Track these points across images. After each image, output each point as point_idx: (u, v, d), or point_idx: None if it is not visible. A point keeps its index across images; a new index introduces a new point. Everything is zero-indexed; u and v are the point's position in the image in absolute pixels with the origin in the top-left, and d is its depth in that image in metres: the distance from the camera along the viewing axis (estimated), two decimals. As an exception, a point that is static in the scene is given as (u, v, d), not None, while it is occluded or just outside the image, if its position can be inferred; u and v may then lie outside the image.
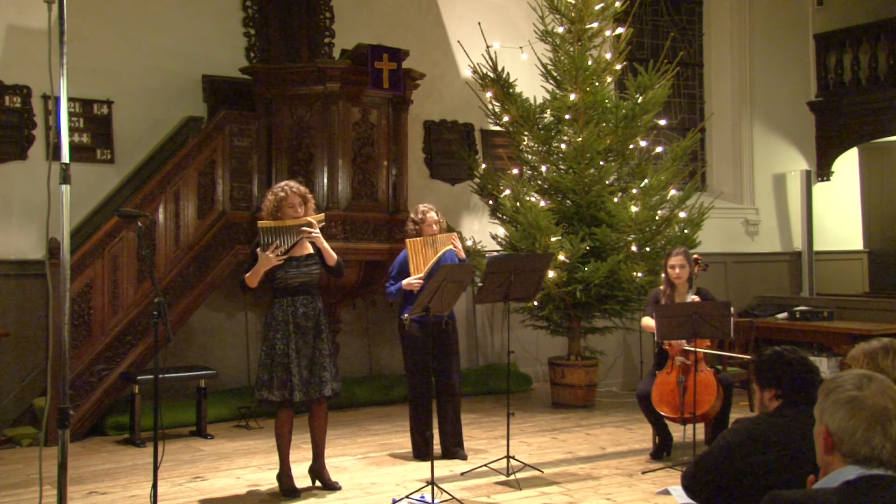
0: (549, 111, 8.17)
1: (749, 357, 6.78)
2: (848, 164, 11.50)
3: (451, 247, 5.81)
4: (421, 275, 5.70)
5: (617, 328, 8.19)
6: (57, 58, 3.47)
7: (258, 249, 4.96)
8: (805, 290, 10.77)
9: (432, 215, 5.85)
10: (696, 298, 5.91)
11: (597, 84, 7.91)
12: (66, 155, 3.47)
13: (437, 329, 5.73)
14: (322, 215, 5.21)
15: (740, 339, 7.59)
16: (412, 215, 5.96)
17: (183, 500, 5.02)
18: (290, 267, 4.99)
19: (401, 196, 7.52)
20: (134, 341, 6.74)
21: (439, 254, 5.76)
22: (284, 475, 5.10)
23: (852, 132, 11.02)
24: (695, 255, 6.19)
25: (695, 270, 6.07)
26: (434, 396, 5.84)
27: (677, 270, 6.04)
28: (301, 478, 5.20)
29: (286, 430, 5.05)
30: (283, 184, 5.15)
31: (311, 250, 5.08)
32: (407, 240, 5.82)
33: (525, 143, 8.22)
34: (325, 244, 5.09)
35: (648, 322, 6.16)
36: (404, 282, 5.75)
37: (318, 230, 5.03)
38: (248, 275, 4.97)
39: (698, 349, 5.71)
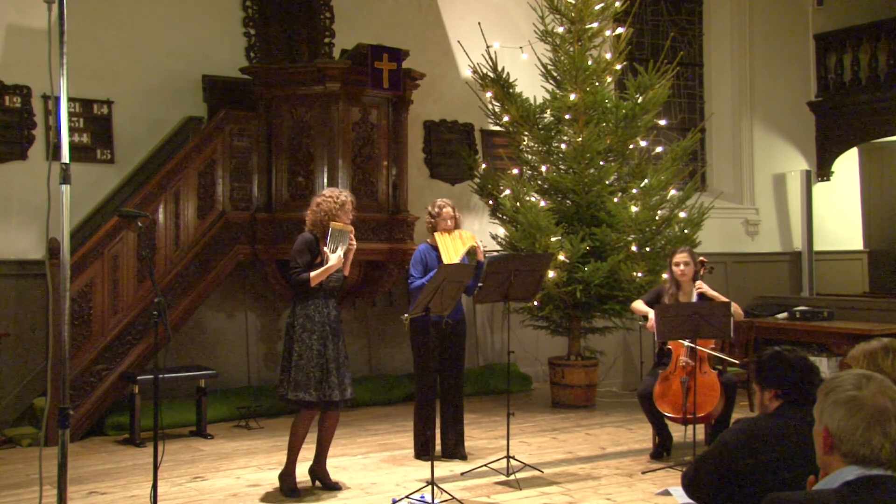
0: (549, 111, 8.17)
1: (739, 361, 6.79)
2: (848, 164, 11.50)
3: (473, 244, 5.85)
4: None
5: (617, 328, 8.19)
6: (57, 58, 3.47)
7: (326, 249, 5.00)
8: (805, 290, 10.77)
9: (448, 210, 5.92)
10: (703, 287, 5.94)
11: (597, 84, 7.91)
12: (66, 155, 3.47)
13: (440, 329, 5.71)
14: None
15: (740, 340, 7.59)
16: (429, 209, 6.00)
17: (183, 500, 5.02)
18: None
19: (401, 196, 7.52)
20: (134, 341, 6.73)
21: (466, 247, 5.80)
22: (289, 475, 5.09)
23: (852, 132, 11.02)
24: (701, 258, 6.20)
25: (700, 272, 6.08)
26: (438, 396, 5.86)
27: (682, 267, 6.05)
28: (301, 477, 5.20)
29: (305, 431, 5.08)
30: (341, 190, 5.26)
31: None
32: (436, 233, 5.85)
33: (525, 143, 8.23)
34: (351, 256, 5.18)
35: (638, 306, 6.19)
36: None
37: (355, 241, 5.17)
38: (314, 274, 4.96)
39: (700, 348, 5.71)
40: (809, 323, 9.25)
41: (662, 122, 8.33)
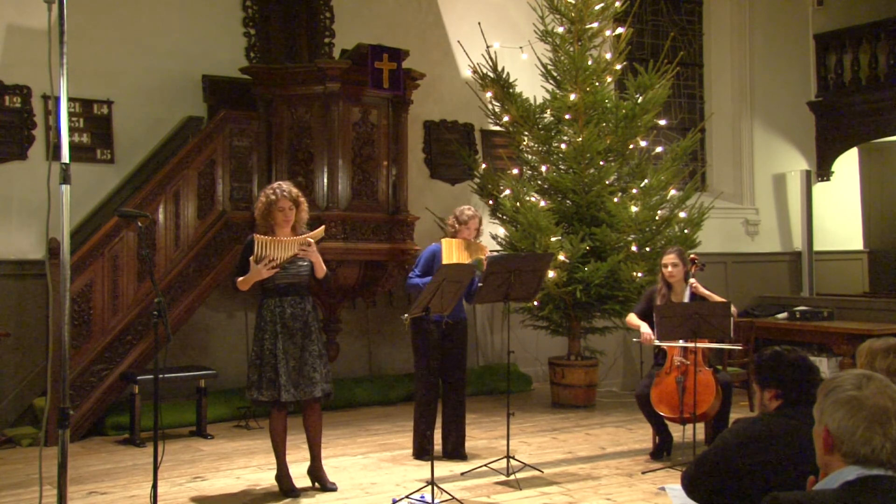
0: (549, 111, 8.17)
1: (741, 346, 6.77)
2: (848, 164, 11.50)
3: (482, 257, 5.80)
4: None
5: (617, 328, 8.19)
6: (57, 58, 3.47)
7: (251, 258, 4.91)
8: (805, 290, 10.77)
9: (475, 221, 5.86)
10: (696, 284, 5.93)
11: (597, 84, 7.91)
12: (66, 155, 3.47)
13: (441, 329, 5.70)
14: (321, 230, 5.12)
15: (740, 340, 7.58)
16: (456, 213, 5.92)
17: (183, 500, 5.02)
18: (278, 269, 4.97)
19: (401, 196, 7.52)
20: (134, 341, 6.74)
21: (471, 260, 5.73)
22: (283, 476, 5.10)
23: (852, 132, 11.02)
24: (692, 255, 6.20)
25: (692, 270, 6.08)
26: (439, 397, 5.85)
27: (670, 269, 6.06)
28: (300, 478, 5.20)
29: (280, 431, 5.06)
30: (275, 185, 5.08)
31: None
32: (444, 239, 5.81)
33: (525, 143, 8.23)
34: (320, 259, 5.03)
35: (633, 320, 6.18)
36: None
37: (314, 248, 4.97)
38: (240, 280, 4.98)
39: (698, 345, 5.71)
40: (809, 323, 9.25)
41: (662, 122, 8.33)
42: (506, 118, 8.16)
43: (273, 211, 4.96)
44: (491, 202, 8.30)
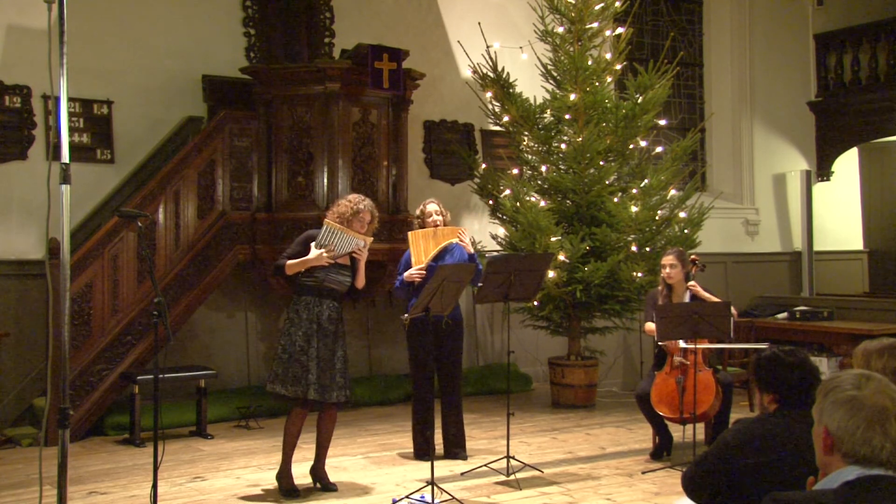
0: (549, 111, 8.17)
1: (749, 346, 6.75)
2: (848, 164, 11.50)
3: (455, 240, 5.77)
4: (421, 266, 5.69)
5: (617, 328, 8.19)
6: (57, 58, 3.47)
7: (313, 244, 5.04)
8: (805, 290, 10.77)
9: (432, 206, 5.85)
10: (695, 287, 5.93)
11: (597, 84, 7.91)
12: (66, 155, 3.46)
13: (438, 329, 5.72)
14: (371, 238, 5.28)
15: (740, 340, 7.59)
16: (415, 212, 5.98)
17: (183, 500, 5.02)
18: (329, 270, 5.06)
19: (401, 196, 7.52)
20: (134, 341, 6.74)
21: (440, 245, 5.72)
22: (285, 474, 5.10)
23: (852, 132, 11.02)
24: (692, 256, 6.20)
25: (692, 271, 6.08)
26: (436, 396, 5.85)
27: (668, 270, 6.06)
28: (302, 477, 5.20)
29: (296, 429, 5.08)
30: (363, 198, 5.26)
31: (349, 262, 5.16)
32: (409, 232, 5.83)
33: (525, 143, 8.22)
34: (363, 268, 5.19)
35: (651, 326, 6.16)
36: (405, 274, 5.74)
37: (366, 254, 5.17)
38: (291, 262, 5.04)
39: (698, 346, 5.70)
40: (809, 323, 9.25)
41: (662, 122, 8.32)
42: (506, 118, 8.16)
43: (355, 220, 5.13)
44: (491, 202, 8.30)
